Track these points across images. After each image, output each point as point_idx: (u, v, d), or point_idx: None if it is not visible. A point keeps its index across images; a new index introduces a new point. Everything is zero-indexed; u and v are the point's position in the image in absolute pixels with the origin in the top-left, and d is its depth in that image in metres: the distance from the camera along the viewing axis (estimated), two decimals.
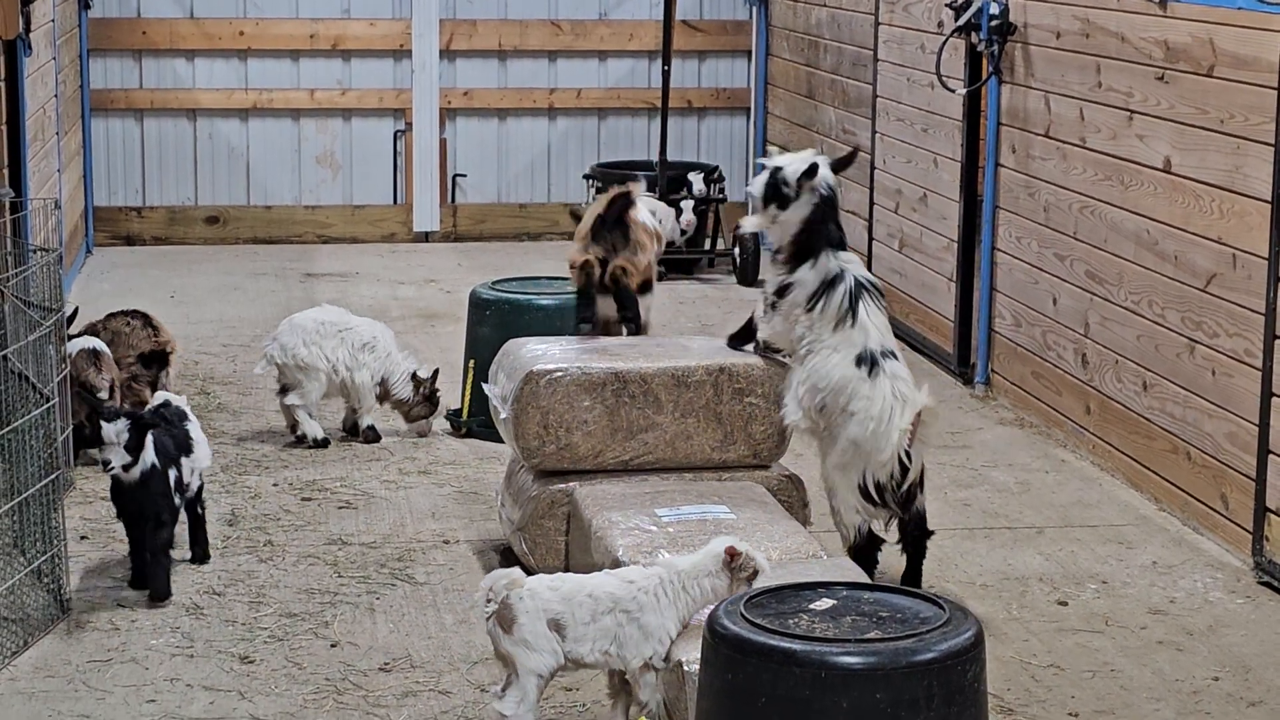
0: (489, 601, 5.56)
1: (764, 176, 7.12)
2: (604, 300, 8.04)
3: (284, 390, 8.95)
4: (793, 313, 6.97)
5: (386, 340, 9.09)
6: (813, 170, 7.02)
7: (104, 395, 8.42)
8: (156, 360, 8.84)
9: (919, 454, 6.72)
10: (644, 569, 5.67)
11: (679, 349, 7.35)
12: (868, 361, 6.80)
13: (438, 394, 9.13)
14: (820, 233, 7.02)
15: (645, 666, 5.55)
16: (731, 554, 5.49)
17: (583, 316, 8.03)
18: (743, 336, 7.38)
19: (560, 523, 7.05)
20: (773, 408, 7.14)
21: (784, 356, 7.15)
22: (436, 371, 9.18)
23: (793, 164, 7.07)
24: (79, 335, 8.64)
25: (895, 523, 6.96)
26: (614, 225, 8.11)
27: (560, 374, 7.06)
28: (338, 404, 9.23)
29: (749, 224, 7.28)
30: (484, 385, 7.57)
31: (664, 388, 7.12)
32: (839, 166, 7.22)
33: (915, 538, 6.95)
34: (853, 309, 6.87)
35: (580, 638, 5.56)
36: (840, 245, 7.06)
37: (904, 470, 6.72)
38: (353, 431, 9.11)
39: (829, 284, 6.91)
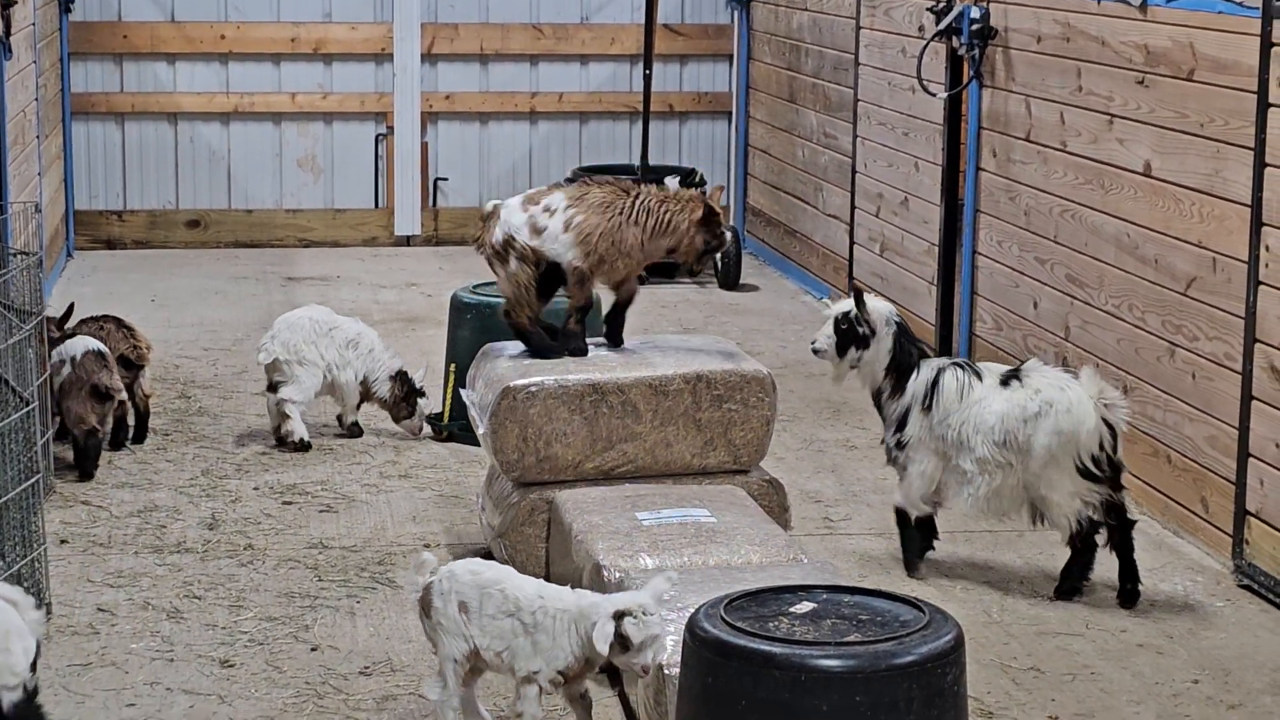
0: (413, 591, 5.65)
1: (828, 327, 7.34)
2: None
3: (273, 388, 8.94)
4: (923, 431, 7.19)
5: (370, 339, 9.13)
6: (863, 303, 7.28)
7: (123, 397, 8.49)
8: (131, 365, 8.83)
9: (1117, 410, 7.01)
10: (570, 593, 5.55)
11: (655, 355, 7.35)
12: (1006, 378, 7.14)
13: (418, 394, 9.12)
14: (909, 351, 7.29)
15: (527, 679, 5.52)
16: (620, 628, 5.32)
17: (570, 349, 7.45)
18: (927, 532, 7.48)
19: (541, 529, 7.05)
20: (752, 412, 7.17)
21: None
22: (425, 371, 9.23)
23: (849, 306, 7.31)
24: (73, 336, 8.63)
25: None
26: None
27: (536, 388, 7.04)
28: (320, 406, 9.22)
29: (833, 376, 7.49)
30: (462, 392, 7.56)
31: (642, 397, 7.12)
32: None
33: (1120, 528, 7.10)
34: (960, 371, 7.22)
35: (482, 629, 5.55)
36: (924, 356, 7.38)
37: (1113, 432, 6.99)
38: (351, 428, 9.24)
39: (933, 381, 7.20)
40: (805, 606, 5.02)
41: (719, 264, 12.86)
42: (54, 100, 13.15)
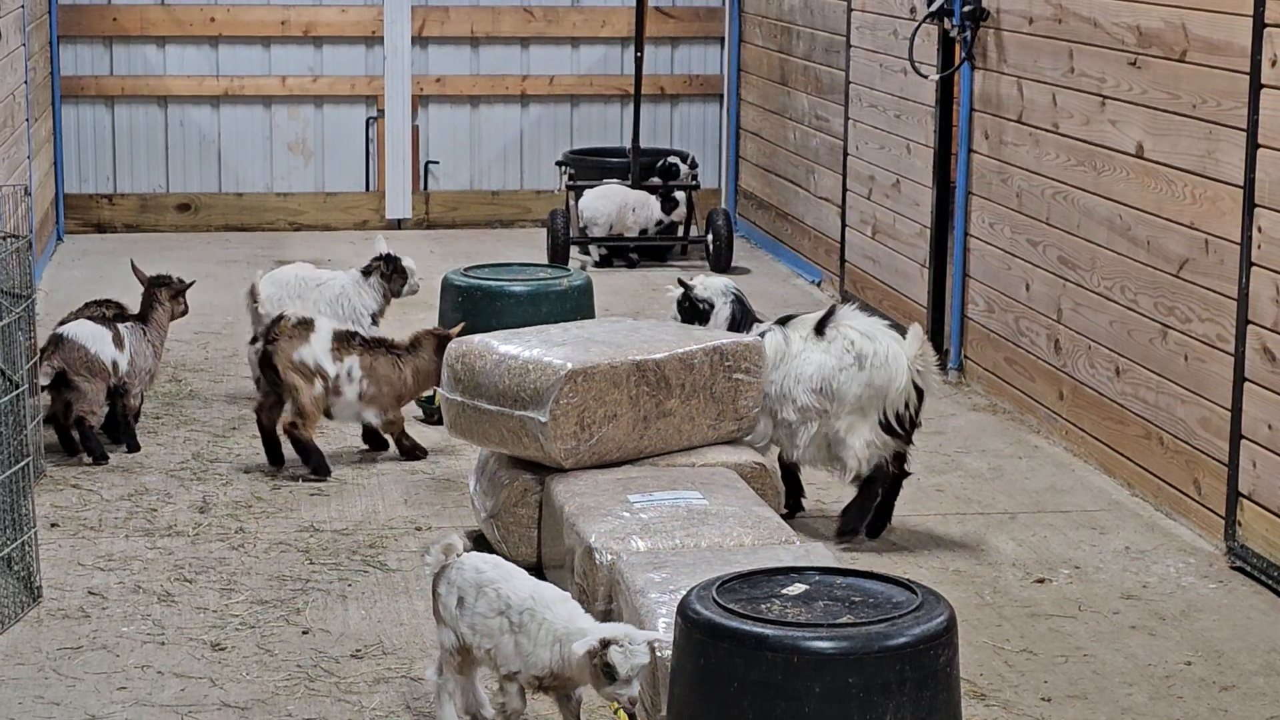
0: (430, 571, 5.67)
1: (674, 309, 8.12)
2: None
3: (255, 340, 8.93)
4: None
5: (350, 288, 9.28)
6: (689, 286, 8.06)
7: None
8: None
9: (929, 376, 7.34)
10: (564, 606, 5.51)
11: (661, 333, 7.35)
12: (819, 327, 7.43)
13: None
14: (744, 319, 7.92)
15: (509, 678, 5.52)
16: (603, 663, 5.28)
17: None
18: (794, 493, 7.79)
19: (533, 510, 7.03)
20: (754, 380, 7.28)
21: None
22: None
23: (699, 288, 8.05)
24: (71, 320, 8.61)
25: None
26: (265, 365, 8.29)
27: (594, 370, 6.95)
28: None
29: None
30: (440, 390, 7.51)
31: (674, 372, 7.10)
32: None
33: (897, 476, 7.51)
34: (777, 330, 7.55)
35: (473, 626, 5.54)
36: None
37: (919, 394, 7.34)
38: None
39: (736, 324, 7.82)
40: (797, 588, 5.01)
41: (710, 246, 12.85)
42: (43, 83, 13.11)
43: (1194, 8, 7.62)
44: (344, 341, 8.26)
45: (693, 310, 7.97)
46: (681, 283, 8.04)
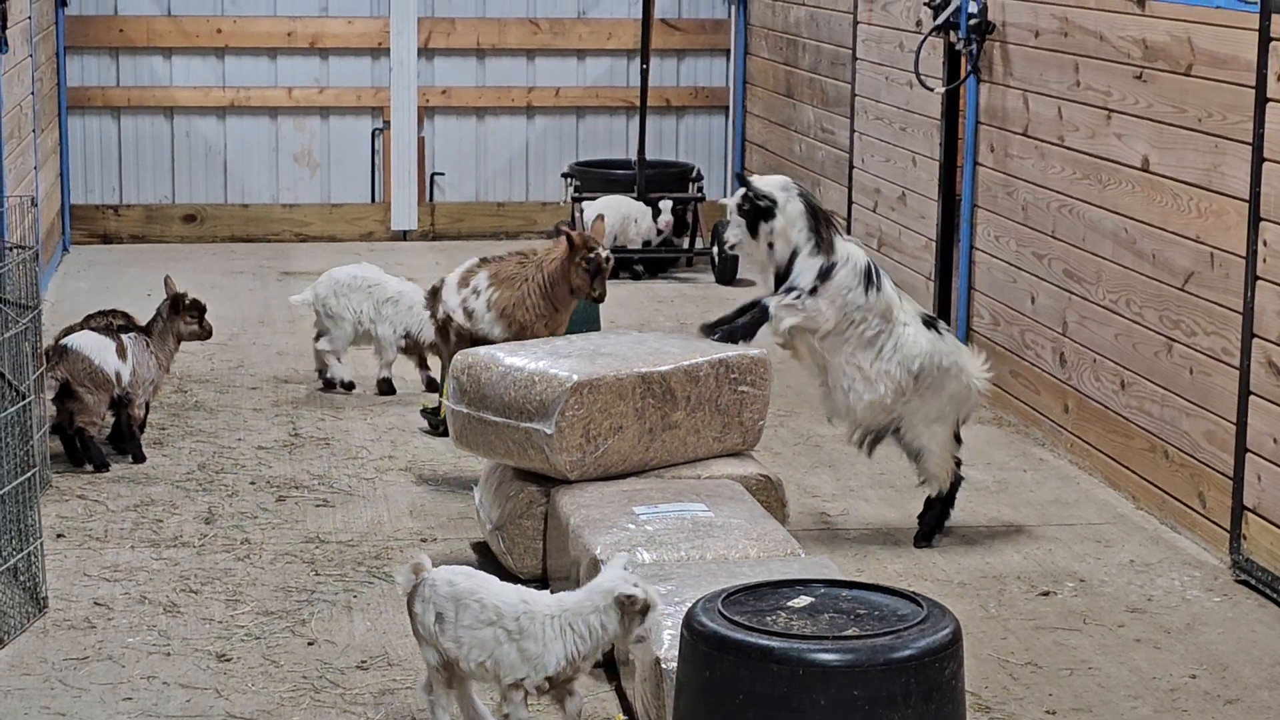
0: (403, 592, 5.64)
1: (734, 216, 7.51)
2: None
3: (318, 336, 9.82)
4: (840, 295, 7.35)
5: (411, 297, 9.66)
6: (748, 182, 7.50)
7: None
8: None
9: (986, 387, 7.62)
10: (548, 596, 5.57)
11: (669, 345, 7.34)
12: (932, 325, 7.54)
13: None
14: (827, 218, 7.48)
15: (515, 686, 5.50)
16: (623, 601, 5.38)
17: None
18: (751, 327, 7.47)
19: (538, 522, 7.03)
20: (759, 393, 7.27)
21: (815, 340, 7.43)
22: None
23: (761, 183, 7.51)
24: (75, 331, 8.64)
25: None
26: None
27: (599, 382, 6.97)
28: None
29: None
30: (445, 402, 7.51)
31: (679, 385, 7.10)
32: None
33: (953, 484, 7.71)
34: (886, 285, 7.48)
35: (458, 640, 5.52)
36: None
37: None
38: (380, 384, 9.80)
39: (868, 268, 7.41)
40: (803, 601, 5.01)
41: (715, 259, 12.85)
42: (50, 94, 13.13)
43: (1200, 22, 7.63)
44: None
45: (754, 211, 7.36)
46: (741, 179, 7.49)
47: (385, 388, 9.72)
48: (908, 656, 4.70)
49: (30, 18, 11.86)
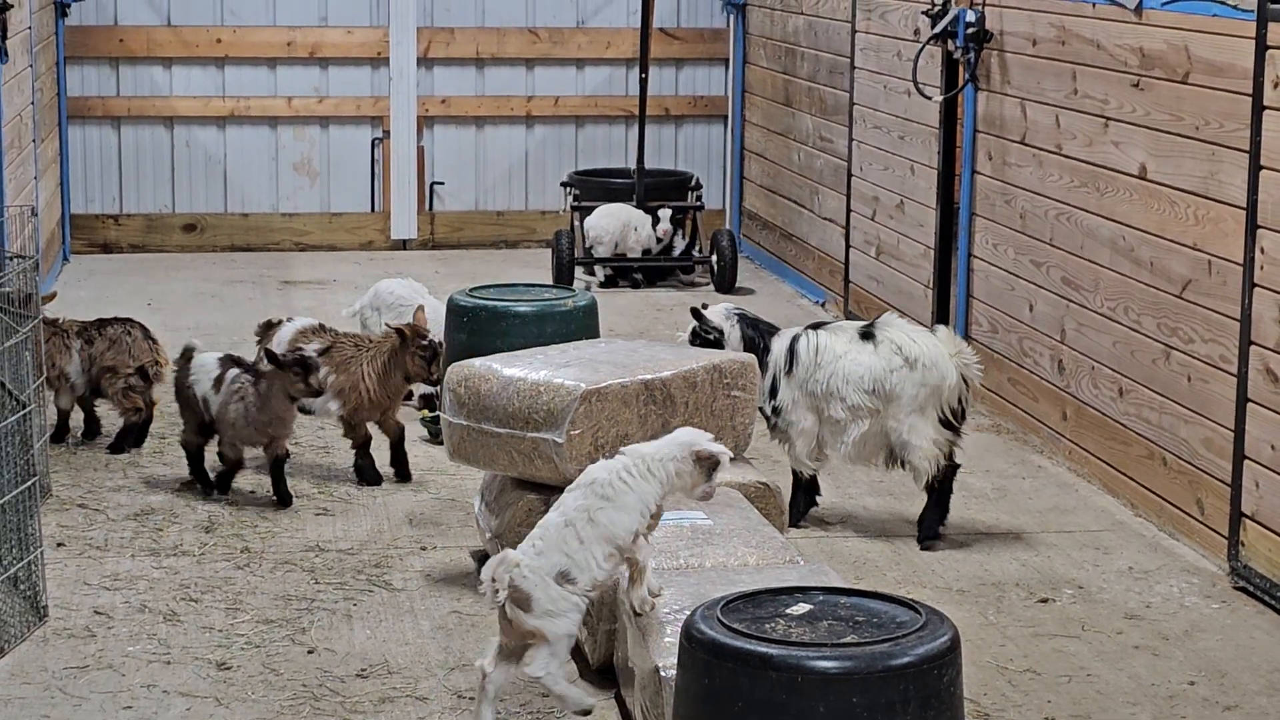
0: (497, 592, 5.60)
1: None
2: None
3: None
4: (794, 392, 7.83)
5: (437, 324, 9.32)
6: (700, 316, 8.11)
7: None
8: (149, 375, 8.87)
9: (972, 367, 7.69)
10: (605, 463, 5.77)
11: (662, 352, 7.35)
12: (863, 335, 7.75)
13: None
14: (754, 332, 8.02)
15: (637, 537, 5.65)
16: (698, 455, 5.66)
17: None
18: (812, 491, 8.09)
19: None
20: (749, 397, 7.29)
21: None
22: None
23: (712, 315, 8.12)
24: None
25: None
26: None
27: (607, 390, 7.00)
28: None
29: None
30: (440, 414, 7.49)
31: (679, 391, 7.11)
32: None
33: (950, 470, 7.79)
34: (811, 334, 7.84)
35: (584, 565, 5.63)
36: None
37: (967, 386, 7.70)
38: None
39: (789, 348, 7.86)
40: (801, 608, 5.02)
41: (715, 267, 12.88)
42: (50, 104, 13.15)
43: (1197, 30, 7.65)
44: None
45: (706, 342, 8.03)
46: (695, 312, 8.15)
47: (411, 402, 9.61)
48: (906, 664, 4.71)
49: (30, 28, 11.88)
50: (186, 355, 8.42)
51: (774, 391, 7.85)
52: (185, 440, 8.42)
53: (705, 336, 8.04)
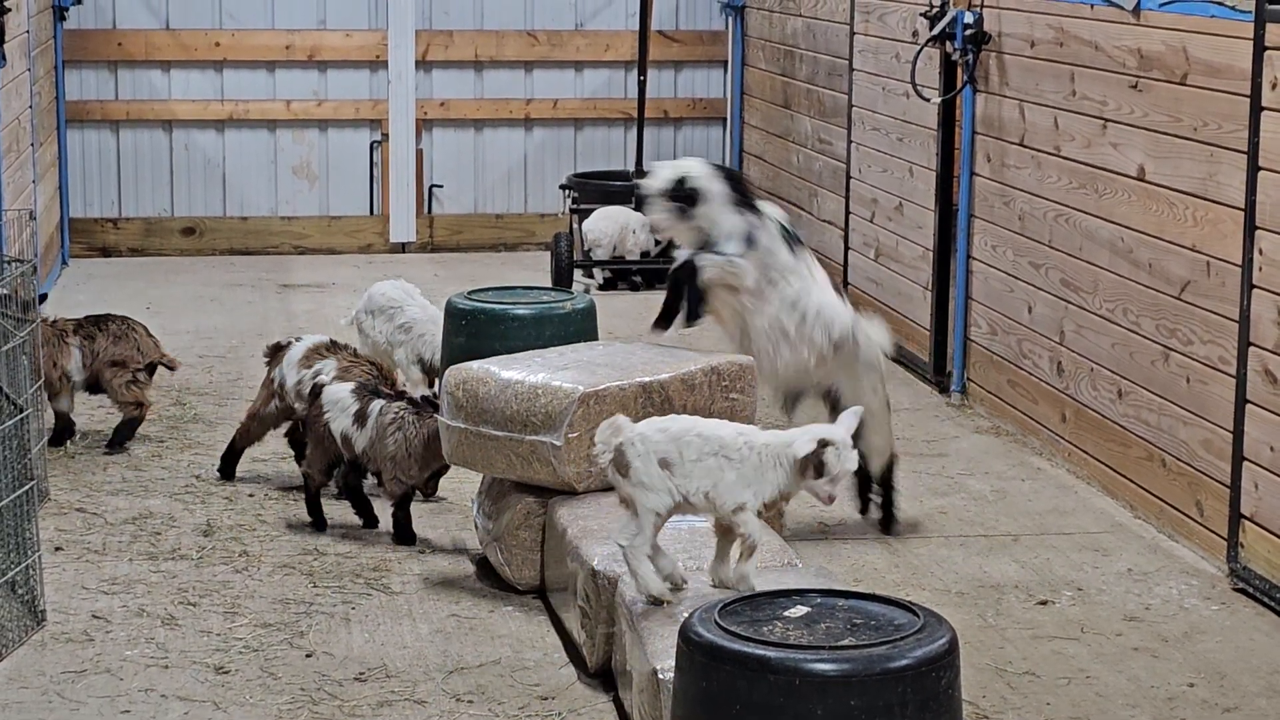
0: (604, 451, 5.77)
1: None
2: None
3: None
4: (769, 256, 7.65)
5: (424, 326, 9.41)
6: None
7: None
8: (151, 371, 8.93)
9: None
10: (768, 433, 5.79)
11: (661, 355, 7.34)
12: (841, 296, 7.86)
13: None
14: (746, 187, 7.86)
15: (740, 508, 5.68)
16: (811, 455, 5.63)
17: None
18: (676, 291, 7.69)
19: (535, 533, 7.04)
20: (747, 400, 7.31)
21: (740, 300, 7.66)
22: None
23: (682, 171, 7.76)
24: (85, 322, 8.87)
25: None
26: None
27: (605, 392, 6.98)
28: None
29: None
30: (438, 417, 7.48)
31: (677, 394, 7.11)
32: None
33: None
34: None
35: (687, 474, 5.70)
36: None
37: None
38: None
39: (789, 229, 7.82)
40: (799, 610, 5.02)
41: None
42: (49, 108, 13.15)
43: (1195, 31, 7.65)
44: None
45: (682, 196, 7.64)
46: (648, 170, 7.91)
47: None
48: (904, 666, 4.71)
49: (29, 31, 11.88)
50: (315, 391, 8.01)
51: (751, 241, 7.65)
52: (306, 473, 7.99)
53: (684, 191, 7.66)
